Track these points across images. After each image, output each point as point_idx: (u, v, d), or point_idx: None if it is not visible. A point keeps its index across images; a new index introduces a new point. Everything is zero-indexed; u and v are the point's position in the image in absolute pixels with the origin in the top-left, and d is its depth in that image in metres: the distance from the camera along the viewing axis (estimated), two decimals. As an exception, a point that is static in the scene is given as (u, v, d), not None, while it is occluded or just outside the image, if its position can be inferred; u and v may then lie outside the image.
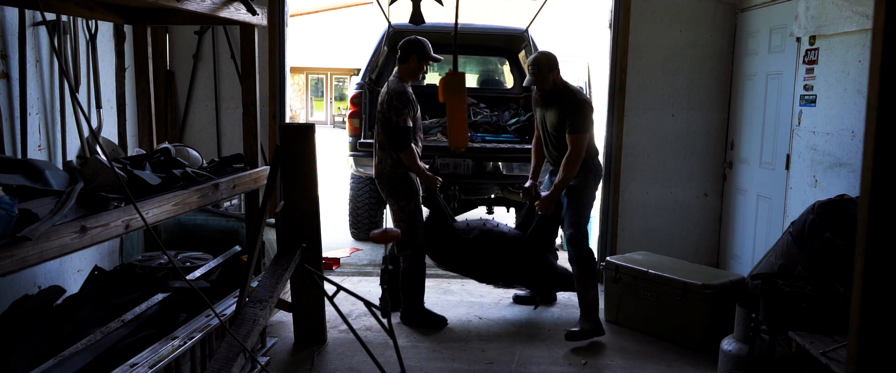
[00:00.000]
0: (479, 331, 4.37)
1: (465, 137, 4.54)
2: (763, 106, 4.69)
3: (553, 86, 4.16)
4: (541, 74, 4.12)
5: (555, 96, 4.15)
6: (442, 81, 4.45)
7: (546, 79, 4.13)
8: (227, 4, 3.67)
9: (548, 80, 4.13)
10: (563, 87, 4.18)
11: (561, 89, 4.16)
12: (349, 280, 5.43)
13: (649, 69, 5.23)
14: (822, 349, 2.80)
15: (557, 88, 4.16)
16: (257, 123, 4.26)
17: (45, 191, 2.53)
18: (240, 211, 5.10)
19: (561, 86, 4.18)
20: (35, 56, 3.84)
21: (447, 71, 4.54)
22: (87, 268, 4.21)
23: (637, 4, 5.16)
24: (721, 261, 5.32)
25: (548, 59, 4.14)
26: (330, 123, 29.00)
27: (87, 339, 2.88)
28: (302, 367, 3.75)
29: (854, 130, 3.59)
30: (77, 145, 4.15)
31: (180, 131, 5.37)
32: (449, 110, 4.48)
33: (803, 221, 3.45)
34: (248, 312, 3.06)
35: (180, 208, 3.22)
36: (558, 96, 4.14)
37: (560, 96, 4.14)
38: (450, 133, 4.55)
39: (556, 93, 4.16)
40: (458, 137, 4.49)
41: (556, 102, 4.14)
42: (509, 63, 8.17)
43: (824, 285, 3.11)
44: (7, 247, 2.11)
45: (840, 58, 3.76)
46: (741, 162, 5.04)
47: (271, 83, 5.18)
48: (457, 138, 4.50)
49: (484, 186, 6.64)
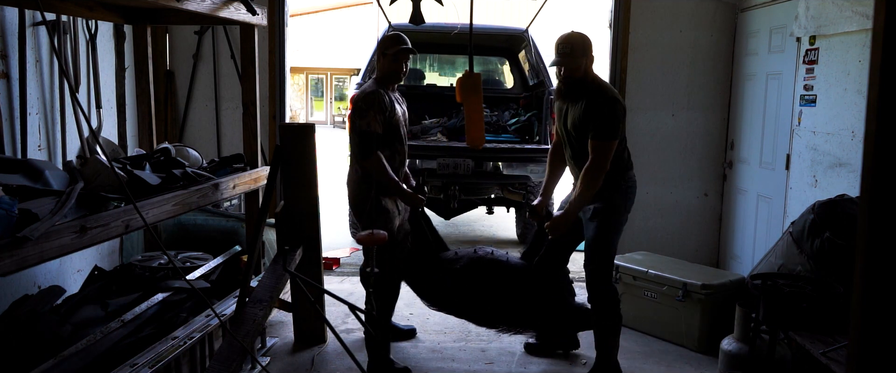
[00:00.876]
0: (479, 331, 4.37)
1: (482, 136, 4.55)
2: (763, 106, 4.69)
3: (584, 75, 3.42)
4: (573, 57, 3.37)
5: (582, 88, 3.42)
6: (459, 82, 4.50)
7: (578, 64, 3.38)
8: (227, 4, 3.67)
9: (579, 66, 3.38)
10: (593, 81, 3.45)
11: (590, 82, 3.44)
12: (349, 280, 5.43)
13: (649, 69, 5.23)
14: (822, 349, 2.80)
15: (587, 80, 3.44)
16: (257, 123, 4.26)
17: (45, 191, 2.53)
18: (240, 211, 5.10)
19: (591, 79, 3.45)
20: (35, 56, 3.84)
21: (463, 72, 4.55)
22: (87, 268, 4.21)
23: (637, 4, 5.16)
24: (721, 261, 5.32)
25: (584, 42, 3.42)
26: (330, 123, 29.00)
27: (87, 339, 2.88)
28: (302, 367, 3.75)
29: (854, 130, 3.59)
30: (77, 145, 4.15)
31: (180, 131, 5.37)
32: (466, 110, 4.52)
33: (803, 221, 3.45)
34: (248, 312, 3.06)
35: (180, 208, 3.22)
36: (586, 89, 3.41)
37: (588, 90, 3.41)
38: (467, 132, 4.56)
39: (583, 85, 3.42)
40: (476, 135, 4.52)
41: (583, 96, 3.41)
42: (509, 63, 8.17)
43: (824, 285, 3.11)
44: (7, 247, 2.11)
45: (840, 58, 3.76)
46: (741, 162, 5.04)
47: (271, 83, 5.18)
48: (474, 136, 4.52)
49: (484, 186, 6.64)
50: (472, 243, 7.28)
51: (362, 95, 3.55)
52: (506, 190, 6.78)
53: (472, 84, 4.43)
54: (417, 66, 9.02)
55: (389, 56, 3.60)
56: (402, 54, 3.61)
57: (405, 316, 4.56)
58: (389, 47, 3.61)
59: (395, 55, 3.58)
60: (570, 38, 3.41)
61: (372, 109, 3.48)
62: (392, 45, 3.61)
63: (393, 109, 3.57)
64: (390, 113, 3.54)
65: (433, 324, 4.47)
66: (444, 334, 4.32)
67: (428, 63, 9.65)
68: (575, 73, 3.40)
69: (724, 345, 3.68)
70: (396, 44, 3.61)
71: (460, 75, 4.55)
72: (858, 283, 0.97)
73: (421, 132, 6.75)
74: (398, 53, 3.59)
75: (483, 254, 3.84)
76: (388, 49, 3.60)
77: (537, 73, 7.04)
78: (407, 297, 5.01)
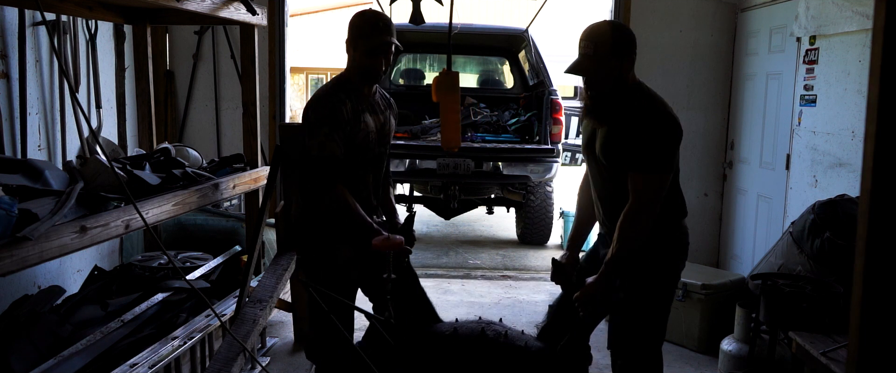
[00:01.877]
0: (479, 331, 4.36)
1: (457, 137, 4.49)
2: (763, 106, 4.69)
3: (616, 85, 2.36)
4: (600, 59, 2.34)
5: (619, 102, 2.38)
6: (435, 81, 4.44)
7: (607, 69, 2.34)
8: (227, 4, 3.67)
9: (608, 73, 2.34)
10: (635, 91, 2.41)
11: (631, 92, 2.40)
12: (349, 280, 5.43)
13: (649, 69, 5.22)
14: (822, 349, 2.80)
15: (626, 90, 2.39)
16: (257, 123, 4.26)
17: (45, 191, 2.53)
18: (240, 211, 5.10)
19: (633, 87, 2.41)
20: (35, 56, 3.84)
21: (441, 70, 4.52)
22: (87, 268, 4.21)
23: (637, 4, 5.15)
24: (721, 261, 5.32)
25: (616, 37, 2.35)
26: (330, 123, 28.98)
27: (87, 339, 2.89)
28: (302, 367, 3.75)
29: (854, 130, 3.59)
30: (77, 145, 4.15)
31: (180, 131, 5.37)
32: (441, 110, 4.46)
33: (803, 221, 3.45)
34: (248, 312, 3.06)
35: (180, 208, 3.22)
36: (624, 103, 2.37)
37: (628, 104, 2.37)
38: (442, 133, 4.51)
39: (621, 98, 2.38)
40: (451, 136, 4.46)
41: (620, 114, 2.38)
42: (509, 63, 8.17)
43: (824, 285, 3.11)
44: (7, 247, 2.11)
45: (840, 58, 3.76)
46: (741, 162, 5.04)
47: (271, 83, 5.18)
48: (449, 138, 4.47)
49: (484, 186, 6.64)
50: (473, 243, 7.30)
51: (313, 104, 2.61)
52: (506, 190, 6.78)
53: (449, 82, 4.36)
54: (417, 67, 9.01)
55: (361, 50, 2.63)
56: (380, 50, 2.63)
57: (405, 316, 4.55)
58: (364, 37, 2.62)
59: (370, 50, 2.62)
60: (595, 33, 2.37)
61: (324, 124, 2.56)
62: (368, 34, 2.62)
63: (356, 122, 2.64)
64: (353, 127, 2.63)
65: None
66: (444, 334, 4.32)
67: (428, 63, 9.64)
68: (602, 83, 2.36)
69: (724, 345, 3.68)
70: (375, 34, 2.62)
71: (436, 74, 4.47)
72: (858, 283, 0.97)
73: (421, 132, 6.75)
74: (375, 49, 2.63)
75: (492, 333, 2.51)
76: (362, 39, 2.63)
77: (537, 73, 7.04)
78: (407, 297, 5.01)
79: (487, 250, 6.97)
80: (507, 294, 5.11)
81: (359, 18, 2.66)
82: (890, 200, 0.94)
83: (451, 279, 5.48)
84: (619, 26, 2.44)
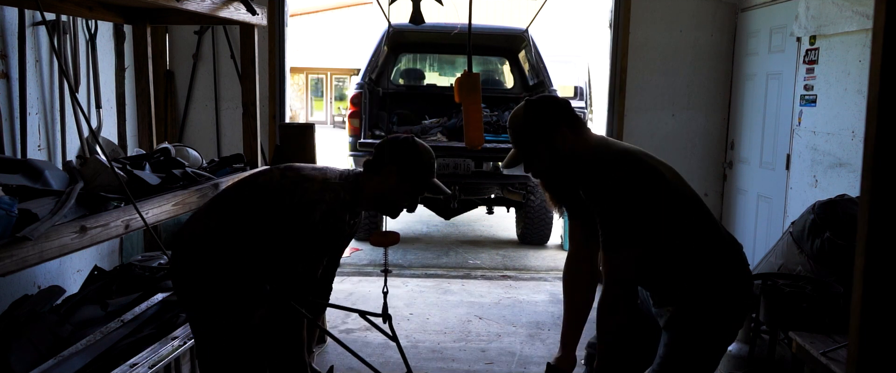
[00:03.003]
0: (479, 331, 4.37)
1: (481, 136, 4.53)
2: (763, 106, 4.69)
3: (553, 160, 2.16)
4: (521, 145, 2.20)
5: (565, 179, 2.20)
6: (457, 82, 4.48)
7: (533, 151, 2.17)
8: (227, 4, 3.67)
9: (536, 154, 2.17)
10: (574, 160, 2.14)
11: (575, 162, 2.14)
12: (349, 280, 5.43)
13: (649, 69, 5.24)
14: (822, 349, 2.80)
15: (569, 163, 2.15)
16: (257, 123, 4.26)
17: (44, 191, 2.53)
18: (240, 211, 5.09)
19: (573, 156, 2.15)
20: (35, 56, 3.84)
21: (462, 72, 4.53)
22: (87, 268, 4.21)
23: (637, 4, 5.16)
24: (721, 261, 5.32)
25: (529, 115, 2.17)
26: (330, 123, 28.99)
27: (87, 339, 2.88)
28: (302, 367, 3.75)
29: (854, 130, 3.59)
30: (77, 145, 4.15)
31: (180, 131, 5.37)
32: (465, 110, 4.51)
33: (803, 222, 3.45)
34: (247, 312, 3.05)
35: (180, 208, 3.21)
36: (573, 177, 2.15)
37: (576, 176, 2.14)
38: (466, 132, 4.55)
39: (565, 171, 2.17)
40: (474, 135, 4.51)
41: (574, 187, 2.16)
42: (509, 63, 8.18)
43: (824, 285, 3.11)
44: (7, 247, 2.11)
45: (840, 58, 3.76)
46: (741, 162, 5.04)
47: (271, 83, 5.19)
48: (472, 137, 4.51)
49: (484, 186, 6.65)
50: (473, 243, 7.31)
51: (328, 220, 2.30)
52: (506, 190, 6.78)
53: (470, 84, 4.42)
54: (417, 66, 9.02)
55: (410, 186, 2.42)
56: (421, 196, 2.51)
57: (405, 316, 4.56)
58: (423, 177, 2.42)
59: (417, 191, 2.45)
60: (511, 119, 2.23)
61: (324, 252, 2.41)
62: (426, 177, 2.43)
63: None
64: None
65: (433, 324, 4.47)
66: (444, 334, 4.32)
67: (428, 63, 9.65)
68: (536, 165, 2.19)
69: (724, 345, 3.68)
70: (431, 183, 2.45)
71: (459, 75, 4.53)
72: (858, 283, 0.98)
73: (421, 132, 6.76)
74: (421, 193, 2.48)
75: None
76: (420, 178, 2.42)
77: (537, 73, 7.05)
78: (406, 297, 5.02)
79: (487, 250, 6.97)
80: (507, 294, 5.11)
81: (426, 155, 2.42)
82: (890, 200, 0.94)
83: (451, 279, 5.48)
84: (534, 102, 2.21)
